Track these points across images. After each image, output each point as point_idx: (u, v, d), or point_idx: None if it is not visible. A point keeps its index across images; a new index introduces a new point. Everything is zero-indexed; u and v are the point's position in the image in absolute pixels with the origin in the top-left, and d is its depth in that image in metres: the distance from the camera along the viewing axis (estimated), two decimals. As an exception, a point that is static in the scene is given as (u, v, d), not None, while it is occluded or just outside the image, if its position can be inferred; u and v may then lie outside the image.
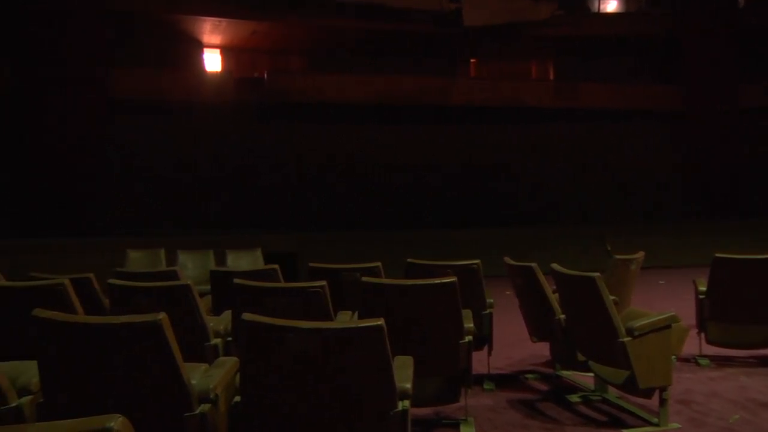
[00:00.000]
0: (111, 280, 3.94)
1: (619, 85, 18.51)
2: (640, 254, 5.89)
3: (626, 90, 18.44)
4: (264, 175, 16.85)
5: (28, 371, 2.63)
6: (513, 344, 6.02)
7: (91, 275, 4.82)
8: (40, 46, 14.15)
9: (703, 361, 5.36)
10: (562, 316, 4.58)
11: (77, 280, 4.51)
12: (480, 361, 4.83)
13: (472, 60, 20.30)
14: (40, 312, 2.47)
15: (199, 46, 17.82)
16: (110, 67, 14.95)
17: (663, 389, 3.84)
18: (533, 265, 4.89)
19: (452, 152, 17.94)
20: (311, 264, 4.91)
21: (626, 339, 3.79)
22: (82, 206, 14.55)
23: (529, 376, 5.22)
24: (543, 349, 5.49)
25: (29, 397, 2.55)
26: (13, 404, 2.48)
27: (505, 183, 18.10)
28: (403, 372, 2.63)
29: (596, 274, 3.98)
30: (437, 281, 3.63)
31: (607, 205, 18.21)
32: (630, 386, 3.90)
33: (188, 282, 3.70)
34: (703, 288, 5.37)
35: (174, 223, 15.44)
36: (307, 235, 13.52)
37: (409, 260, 4.95)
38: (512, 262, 5.24)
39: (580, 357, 4.44)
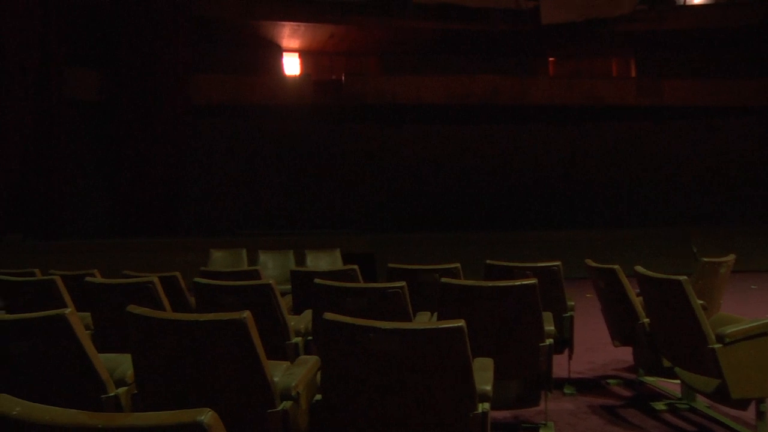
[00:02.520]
0: (197, 279, 4.06)
1: (706, 81, 17.73)
2: (731, 257, 5.61)
3: (714, 85, 17.64)
4: (341, 176, 17.06)
5: (124, 364, 2.76)
6: (594, 348, 5.87)
7: (178, 274, 5.00)
8: (127, 56, 14.82)
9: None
10: (646, 320, 4.43)
11: (165, 278, 4.69)
12: (560, 365, 4.73)
13: (549, 58, 19.92)
14: (133, 308, 2.58)
15: (278, 51, 18.23)
16: (193, 73, 15.50)
17: (760, 401, 3.64)
18: (616, 267, 4.74)
19: (529, 152, 17.67)
20: (390, 265, 4.93)
21: (716, 346, 3.62)
22: (168, 208, 15.17)
23: (611, 381, 5.08)
24: (625, 354, 5.33)
25: (125, 388, 2.68)
26: (112, 394, 2.61)
27: (585, 183, 17.68)
28: (483, 374, 2.61)
29: (683, 277, 3.82)
30: (517, 283, 3.57)
31: (694, 205, 17.51)
32: (721, 396, 3.72)
33: (270, 281, 3.78)
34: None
35: (254, 224, 15.85)
36: (384, 235, 13.61)
37: (488, 261, 4.90)
38: (594, 264, 5.10)
39: (666, 363, 4.28)
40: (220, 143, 16.42)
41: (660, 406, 4.38)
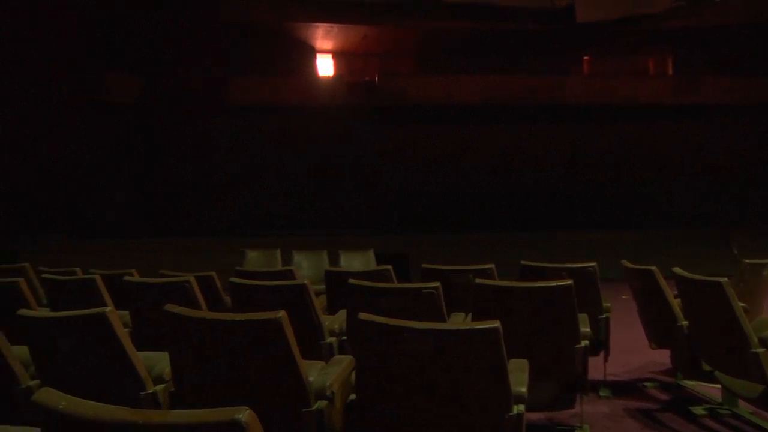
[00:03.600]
0: (232, 279, 4.12)
1: (745, 78, 17.31)
2: (773, 259, 5.49)
3: (755, 83, 17.21)
4: (374, 176, 17.10)
5: (162, 361, 2.80)
6: (630, 350, 5.78)
7: (213, 273, 5.06)
8: (164, 59, 15.07)
9: None
10: (685, 323, 4.35)
11: (201, 277, 4.75)
12: (596, 367, 4.67)
13: (584, 57, 19.68)
14: (170, 307, 2.62)
15: (311, 52, 18.33)
16: (229, 75, 15.68)
17: (806, 407, 3.55)
18: (653, 268, 4.67)
19: (563, 152, 17.49)
20: (424, 265, 4.93)
21: (760, 350, 3.54)
22: (204, 208, 15.39)
23: (648, 384, 5.00)
24: (663, 357, 5.23)
25: (162, 386, 2.73)
26: (150, 391, 2.66)
27: (619, 183, 17.43)
28: (518, 375, 2.60)
29: (724, 279, 3.74)
30: (552, 284, 3.54)
31: (734, 205, 17.15)
32: (766, 402, 3.64)
33: (305, 281, 3.81)
34: None
35: (288, 224, 15.98)
36: (417, 236, 13.58)
37: (522, 262, 4.87)
38: (630, 265, 5.02)
39: (706, 367, 4.20)
40: (255, 144, 16.58)
41: (700, 410, 4.29)
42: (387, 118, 16.96)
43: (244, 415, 1.30)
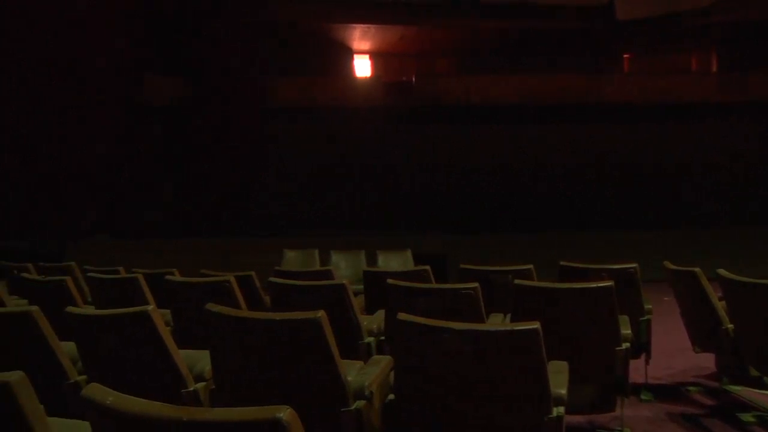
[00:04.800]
0: (272, 278, 4.15)
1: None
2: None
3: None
4: (412, 177, 17.08)
5: (203, 360, 2.85)
6: (673, 353, 5.67)
7: (252, 273, 5.12)
8: (205, 61, 15.31)
9: None
10: (731, 326, 4.24)
11: (240, 277, 4.82)
12: (637, 370, 4.60)
13: (624, 55, 19.36)
14: (212, 306, 2.66)
15: (349, 53, 18.42)
16: (268, 76, 15.85)
17: None
18: (696, 270, 4.56)
19: (604, 151, 17.22)
20: (462, 266, 4.91)
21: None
22: (243, 209, 15.59)
23: (692, 388, 4.89)
24: (707, 361, 5.12)
25: (203, 384, 2.77)
26: (191, 389, 2.70)
27: (663, 182, 17.11)
28: (558, 377, 2.57)
29: (772, 281, 3.65)
30: (593, 285, 3.50)
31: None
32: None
33: (344, 281, 3.83)
34: None
35: (325, 224, 16.07)
36: (455, 236, 13.53)
37: (562, 263, 4.81)
38: (673, 267, 4.93)
39: (754, 372, 4.08)
40: (293, 144, 16.71)
41: (748, 418, 4.17)
42: (425, 119, 16.94)
43: (285, 414, 1.31)
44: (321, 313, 2.47)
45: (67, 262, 7.40)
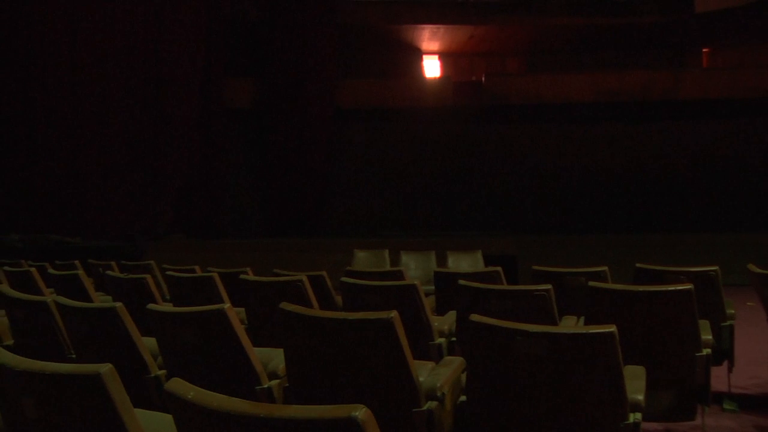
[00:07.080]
0: (344, 278, 4.20)
1: None
2: None
3: None
4: (482, 177, 16.94)
5: (276, 358, 2.90)
6: (759, 362, 5.41)
7: (324, 273, 5.19)
8: (278, 64, 15.62)
9: None
10: (822, 333, 4.03)
11: (313, 277, 4.89)
12: (719, 378, 4.41)
13: (704, 49, 18.62)
14: (285, 305, 2.70)
15: (418, 54, 18.42)
16: (339, 79, 16.04)
17: None
18: (785, 273, 4.36)
19: (682, 149, 16.62)
20: (534, 267, 4.84)
21: None
22: (316, 209, 15.84)
23: (782, 399, 4.67)
24: (798, 370, 4.88)
25: (277, 381, 2.82)
26: (266, 386, 2.76)
27: (745, 182, 16.36)
28: (635, 383, 2.50)
29: None
30: (671, 288, 3.38)
31: None
32: None
33: (415, 282, 3.83)
34: None
35: (395, 225, 16.14)
36: (526, 237, 13.34)
37: (638, 265, 4.67)
38: (758, 270, 4.71)
39: None
40: (364, 146, 16.85)
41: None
42: (496, 119, 16.77)
43: (360, 412, 1.32)
44: (394, 314, 2.48)
45: (146, 261, 7.70)
